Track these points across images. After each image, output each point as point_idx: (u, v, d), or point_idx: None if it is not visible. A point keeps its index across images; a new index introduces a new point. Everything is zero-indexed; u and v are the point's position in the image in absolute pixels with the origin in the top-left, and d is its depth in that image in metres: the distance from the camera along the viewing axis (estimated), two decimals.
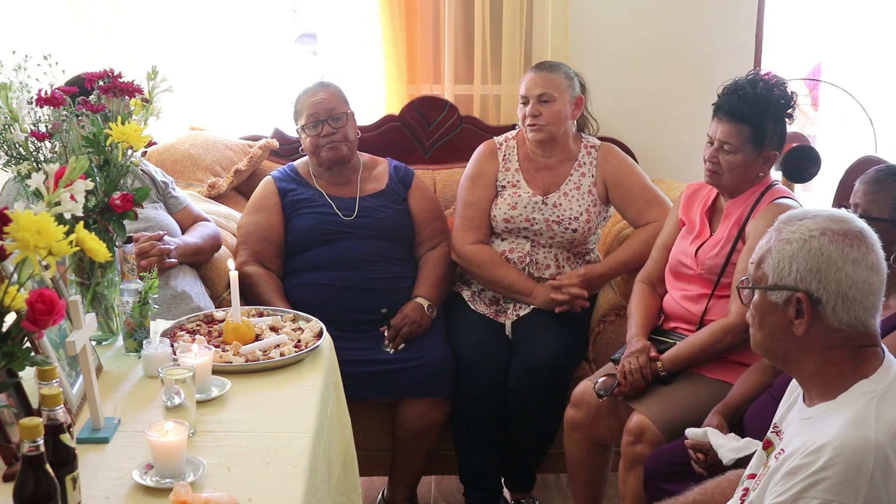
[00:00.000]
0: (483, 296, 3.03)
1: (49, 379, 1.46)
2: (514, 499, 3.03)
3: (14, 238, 1.42)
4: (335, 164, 3.01)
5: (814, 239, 1.52)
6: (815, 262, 1.51)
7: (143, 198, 2.18)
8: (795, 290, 1.52)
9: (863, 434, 1.44)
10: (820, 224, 1.53)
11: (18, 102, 2.09)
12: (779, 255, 1.55)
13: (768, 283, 1.56)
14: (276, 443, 1.76)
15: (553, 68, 2.97)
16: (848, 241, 1.51)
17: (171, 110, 2.37)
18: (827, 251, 1.50)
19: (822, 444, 1.45)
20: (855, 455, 1.42)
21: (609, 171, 3.02)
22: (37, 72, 2.15)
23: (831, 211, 1.59)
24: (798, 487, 1.45)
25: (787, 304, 1.54)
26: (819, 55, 4.67)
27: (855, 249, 1.51)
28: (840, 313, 1.51)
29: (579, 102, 2.99)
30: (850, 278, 1.50)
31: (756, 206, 2.52)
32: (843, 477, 1.42)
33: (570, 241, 2.99)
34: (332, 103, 2.99)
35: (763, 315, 1.59)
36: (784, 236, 1.55)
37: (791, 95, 2.53)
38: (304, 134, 2.99)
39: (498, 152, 3.07)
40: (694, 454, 2.22)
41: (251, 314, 2.37)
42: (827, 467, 1.43)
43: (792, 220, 1.57)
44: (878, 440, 1.43)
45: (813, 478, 1.44)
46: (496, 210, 3.01)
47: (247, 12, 3.66)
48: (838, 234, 1.51)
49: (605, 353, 2.88)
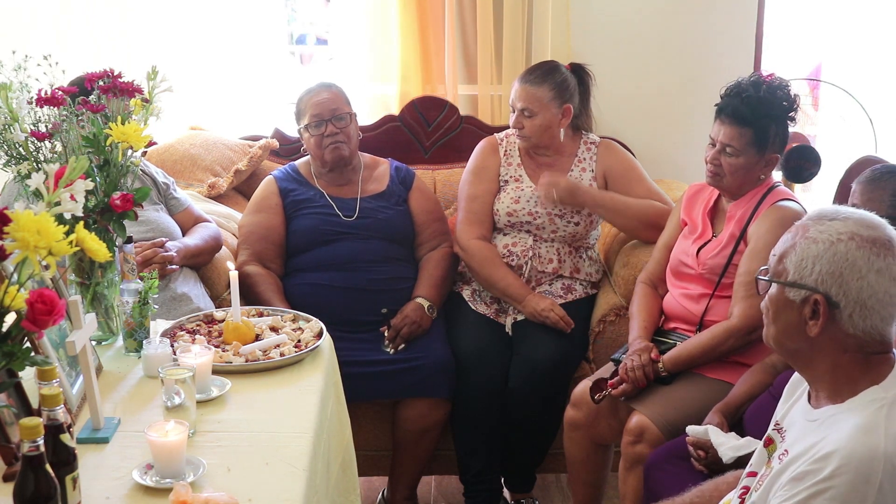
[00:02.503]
0: (483, 295, 3.03)
1: (49, 379, 1.46)
2: (514, 499, 3.03)
3: (14, 238, 1.42)
4: (337, 165, 3.01)
5: (841, 242, 1.48)
6: (838, 267, 1.48)
7: (143, 198, 2.18)
8: (815, 290, 1.49)
9: (872, 443, 1.41)
10: (850, 228, 1.50)
11: (18, 102, 2.09)
12: (803, 252, 1.51)
13: (788, 278, 1.53)
14: (276, 443, 1.76)
15: (540, 81, 2.93)
16: (876, 248, 1.47)
17: (171, 110, 2.37)
18: (853, 257, 1.47)
19: (830, 452, 1.43)
20: (863, 465, 1.40)
21: (609, 164, 3.03)
22: (37, 72, 2.15)
23: (864, 214, 1.54)
24: (804, 494, 1.43)
25: (804, 304, 1.51)
26: (819, 55, 4.67)
27: (881, 259, 1.47)
28: (856, 320, 1.48)
29: (567, 112, 2.97)
30: (872, 287, 1.47)
31: (758, 208, 2.52)
32: (851, 486, 1.39)
33: (572, 235, 3.00)
34: (336, 103, 2.99)
35: (778, 309, 1.56)
36: (812, 234, 1.51)
37: (794, 98, 2.52)
38: (308, 133, 2.99)
39: (499, 147, 3.08)
40: (694, 451, 2.22)
41: (251, 314, 2.37)
42: (834, 476, 1.40)
43: (822, 218, 1.53)
44: (887, 450, 1.41)
45: (820, 486, 1.41)
46: (499, 204, 3.02)
47: (247, 12, 3.66)
48: (867, 241, 1.48)
49: (605, 353, 2.88)
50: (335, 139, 2.96)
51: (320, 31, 5.03)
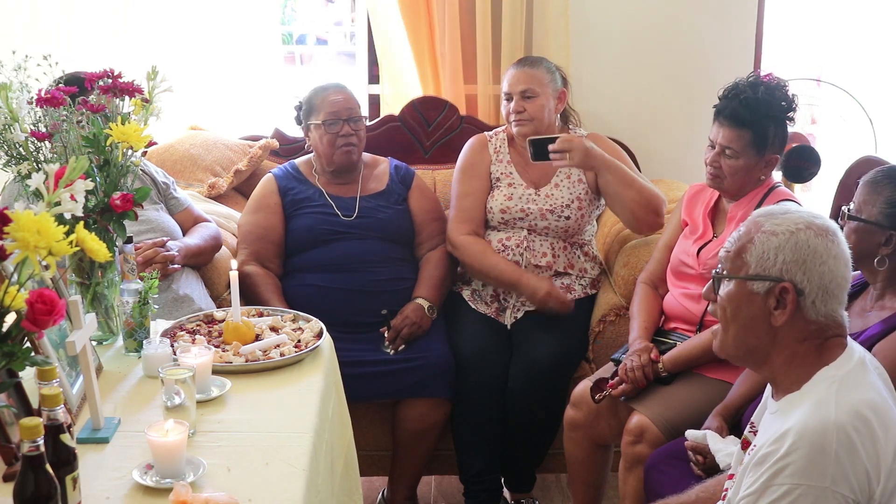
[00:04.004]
0: (484, 293, 3.02)
1: (49, 379, 1.46)
2: (514, 499, 3.03)
3: (14, 238, 1.42)
4: (345, 169, 3.01)
5: (800, 232, 1.55)
6: (801, 255, 1.54)
7: (143, 198, 2.18)
8: (779, 280, 1.54)
9: (823, 415, 1.46)
10: (804, 219, 1.57)
11: (18, 102, 2.09)
12: (763, 245, 1.56)
13: (749, 272, 1.57)
14: (276, 443, 1.76)
15: (535, 63, 3.00)
16: (829, 236, 1.55)
17: (171, 110, 2.37)
18: (813, 244, 1.54)
19: (785, 431, 1.47)
20: (816, 437, 1.44)
21: None
22: (37, 72, 2.15)
23: (809, 210, 1.64)
24: (766, 476, 1.47)
25: (768, 295, 1.56)
26: (819, 55, 4.67)
27: (835, 245, 1.55)
28: (819, 306, 1.54)
29: (562, 96, 3.02)
30: (832, 272, 1.54)
31: (759, 208, 2.52)
32: (808, 459, 1.43)
33: (564, 230, 3.00)
34: (352, 104, 3.00)
35: (738, 306, 1.60)
36: (768, 228, 1.57)
37: (792, 98, 2.53)
38: (321, 131, 2.96)
39: (489, 144, 3.09)
40: (693, 456, 2.22)
41: (251, 314, 2.37)
42: (790, 452, 1.44)
43: (774, 213, 1.60)
44: (838, 419, 1.45)
45: (778, 464, 1.45)
46: (492, 202, 3.02)
47: (247, 12, 3.65)
48: (821, 230, 1.56)
49: (605, 353, 2.88)
50: (348, 141, 2.96)
51: (320, 31, 5.04)
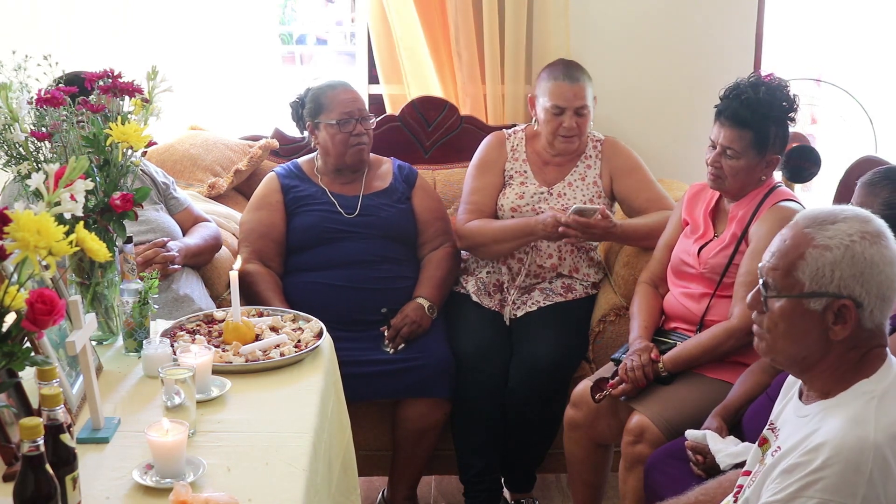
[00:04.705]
0: (488, 282, 3.02)
1: (49, 379, 1.46)
2: (514, 499, 3.03)
3: (14, 238, 1.42)
4: (356, 168, 3.01)
5: (855, 245, 1.49)
6: (858, 268, 1.49)
7: (143, 198, 2.18)
8: (838, 296, 1.50)
9: (862, 434, 1.43)
10: (856, 227, 1.51)
11: (18, 102, 2.09)
12: (817, 261, 1.51)
13: (804, 290, 1.52)
14: (276, 443, 1.76)
15: (581, 76, 2.96)
16: (883, 241, 1.51)
17: (171, 110, 2.37)
18: (869, 255, 1.49)
19: (820, 443, 1.44)
20: (853, 455, 1.42)
21: (616, 164, 3.04)
22: (37, 72, 2.15)
23: (855, 210, 1.57)
24: (795, 486, 1.45)
25: (826, 311, 1.51)
26: (819, 55, 4.67)
27: (889, 249, 1.51)
28: (875, 314, 1.51)
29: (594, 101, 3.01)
30: (890, 279, 1.50)
31: (759, 208, 2.52)
32: (841, 477, 1.41)
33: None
34: (361, 103, 3.01)
35: (793, 322, 1.55)
36: (821, 242, 1.51)
37: (794, 98, 2.52)
38: (335, 130, 2.94)
39: (507, 142, 3.09)
40: (693, 456, 2.22)
41: (251, 314, 2.37)
42: (825, 467, 1.42)
43: (822, 223, 1.53)
44: (876, 440, 1.43)
45: (810, 477, 1.43)
46: (503, 199, 3.02)
47: (247, 12, 3.65)
48: (875, 236, 1.51)
49: (605, 353, 2.88)
50: (360, 140, 2.95)
51: (320, 30, 5.03)
